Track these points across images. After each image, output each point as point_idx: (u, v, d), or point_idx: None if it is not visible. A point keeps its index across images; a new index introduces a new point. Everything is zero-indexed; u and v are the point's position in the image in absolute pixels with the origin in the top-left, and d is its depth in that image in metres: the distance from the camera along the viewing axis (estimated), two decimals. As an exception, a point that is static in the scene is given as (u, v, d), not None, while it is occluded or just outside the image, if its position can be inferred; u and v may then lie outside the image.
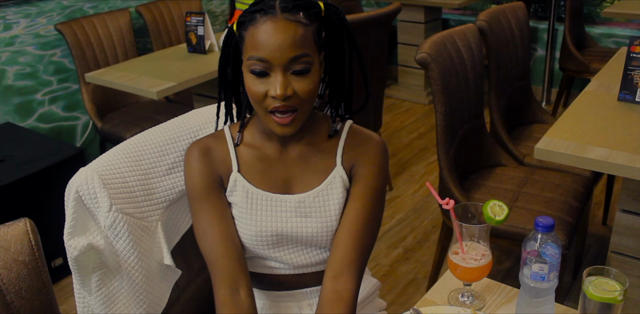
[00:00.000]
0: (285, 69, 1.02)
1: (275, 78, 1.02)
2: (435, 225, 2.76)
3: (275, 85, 1.02)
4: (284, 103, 1.03)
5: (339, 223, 1.16)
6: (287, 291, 1.24)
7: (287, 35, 1.01)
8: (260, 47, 1.01)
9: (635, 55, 1.74)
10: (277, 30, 1.01)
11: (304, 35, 1.03)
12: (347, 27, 1.12)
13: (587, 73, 3.46)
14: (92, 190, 1.09)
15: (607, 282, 0.98)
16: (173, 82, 2.47)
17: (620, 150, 1.50)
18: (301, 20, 1.03)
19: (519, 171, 2.15)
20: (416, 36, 4.12)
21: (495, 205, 1.11)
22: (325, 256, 1.21)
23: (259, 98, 1.05)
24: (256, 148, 1.17)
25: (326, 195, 1.16)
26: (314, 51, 1.05)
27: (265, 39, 1.01)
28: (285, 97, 1.02)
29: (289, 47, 1.01)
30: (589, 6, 4.07)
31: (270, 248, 1.18)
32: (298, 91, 1.03)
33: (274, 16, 1.02)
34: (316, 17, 1.06)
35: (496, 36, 2.23)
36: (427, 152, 3.52)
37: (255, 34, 1.02)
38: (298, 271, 1.22)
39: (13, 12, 2.93)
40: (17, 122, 3.02)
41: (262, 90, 1.03)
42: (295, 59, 1.01)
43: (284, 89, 1.02)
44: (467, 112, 2.05)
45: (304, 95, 1.04)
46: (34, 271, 0.94)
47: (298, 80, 1.03)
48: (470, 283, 1.18)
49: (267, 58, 1.01)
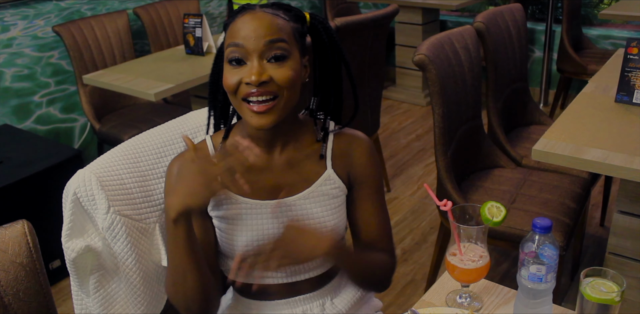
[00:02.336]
0: (262, 56, 1.02)
1: (251, 65, 1.02)
2: (433, 226, 2.76)
3: (251, 71, 1.01)
4: (258, 89, 1.01)
5: (334, 223, 1.16)
6: (281, 300, 1.23)
7: (263, 22, 1.02)
8: (237, 34, 1.02)
9: (632, 57, 1.74)
10: (254, 19, 1.02)
11: (281, 24, 1.04)
12: (334, 38, 1.12)
13: (585, 75, 3.47)
14: (90, 192, 1.09)
15: (604, 283, 0.98)
16: (171, 83, 2.47)
17: (617, 151, 1.50)
18: (279, 14, 1.05)
19: (517, 173, 2.15)
20: (414, 38, 4.12)
21: (493, 206, 1.12)
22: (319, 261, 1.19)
23: (233, 87, 1.03)
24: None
25: (317, 196, 1.15)
26: (293, 43, 1.05)
27: (241, 27, 1.02)
28: (260, 82, 1.00)
29: (264, 31, 1.01)
30: (587, 8, 4.08)
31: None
32: (275, 77, 1.02)
33: (253, 10, 1.05)
34: (297, 19, 1.08)
35: (494, 38, 2.23)
36: (424, 153, 3.52)
37: (233, 26, 1.04)
38: (290, 280, 1.19)
39: (10, 13, 2.93)
40: (15, 123, 3.02)
41: (237, 79, 1.03)
42: (270, 43, 1.01)
43: (259, 74, 1.00)
44: (464, 113, 2.06)
45: (282, 81, 1.02)
46: (32, 273, 0.94)
47: (275, 67, 1.02)
48: (468, 285, 1.18)
49: (243, 43, 1.01)
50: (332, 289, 1.26)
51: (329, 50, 1.13)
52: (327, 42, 1.12)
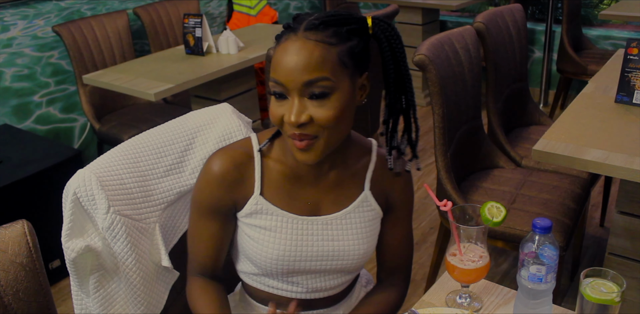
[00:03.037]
0: (301, 94, 0.95)
1: (292, 102, 0.96)
2: (433, 226, 2.76)
3: (290, 110, 0.95)
4: (300, 131, 0.96)
5: (366, 246, 1.15)
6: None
7: (300, 58, 0.93)
8: (276, 68, 0.95)
9: (632, 57, 1.74)
10: (292, 52, 0.94)
11: (323, 57, 0.93)
12: (395, 48, 1.02)
13: (585, 75, 3.47)
14: (90, 192, 1.09)
15: (604, 284, 0.98)
16: (171, 83, 2.47)
17: (617, 151, 1.50)
18: (325, 40, 0.94)
19: (517, 173, 2.15)
20: (414, 38, 4.12)
21: (493, 206, 1.12)
22: (342, 280, 1.20)
23: (277, 122, 0.99)
24: (286, 166, 1.10)
25: (353, 217, 1.14)
26: (339, 74, 0.96)
27: (279, 61, 0.95)
28: (299, 124, 0.95)
29: (302, 70, 0.93)
30: (586, 8, 4.08)
31: (290, 272, 1.14)
32: (315, 118, 0.95)
33: (295, 34, 0.95)
34: (352, 35, 0.97)
35: (494, 38, 2.23)
36: (424, 153, 3.52)
37: (276, 53, 0.96)
38: (309, 296, 1.19)
39: (10, 13, 2.93)
40: (15, 123, 3.02)
41: (280, 114, 0.97)
42: (310, 84, 0.94)
43: (298, 116, 0.95)
44: (464, 113, 2.06)
45: (323, 122, 0.95)
46: (32, 273, 0.94)
47: (316, 105, 0.95)
48: (468, 285, 1.18)
49: (281, 81, 0.95)
50: (345, 306, 1.27)
51: (391, 62, 1.03)
52: (389, 53, 1.02)
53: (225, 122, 1.30)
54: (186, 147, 1.26)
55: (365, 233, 1.15)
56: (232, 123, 1.30)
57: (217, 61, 2.76)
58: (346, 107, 0.98)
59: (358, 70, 1.00)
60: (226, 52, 2.85)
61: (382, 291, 1.25)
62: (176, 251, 1.29)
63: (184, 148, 1.25)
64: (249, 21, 4.06)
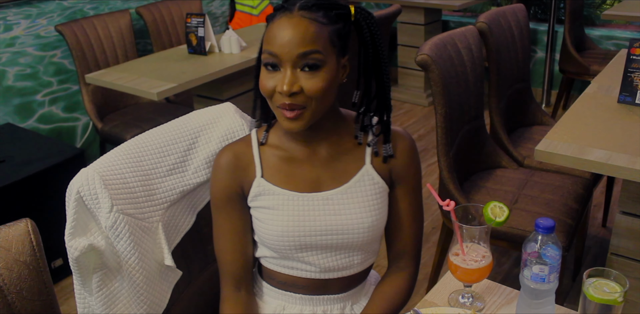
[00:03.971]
0: (294, 65, 1.02)
1: (284, 73, 1.03)
2: (436, 226, 2.76)
3: (283, 80, 1.02)
4: (290, 101, 1.03)
5: (372, 220, 1.17)
6: (307, 295, 1.24)
7: (297, 31, 1.01)
8: (272, 41, 1.03)
9: (635, 58, 1.74)
10: (289, 26, 1.02)
11: (317, 33, 1.02)
12: (375, 34, 1.11)
13: (587, 76, 3.46)
14: (94, 191, 1.09)
15: (607, 284, 0.98)
16: (173, 83, 2.47)
17: (620, 152, 1.50)
18: (318, 19, 1.03)
19: (519, 173, 2.15)
20: (416, 38, 4.12)
21: (496, 206, 1.12)
22: (353, 260, 1.21)
23: (268, 92, 1.06)
24: (282, 150, 1.18)
25: (355, 192, 1.17)
26: (329, 50, 1.04)
27: (276, 34, 1.02)
28: (291, 93, 1.02)
29: (298, 42, 1.01)
30: (589, 8, 4.08)
31: (299, 249, 1.17)
32: (306, 88, 1.03)
33: (290, 12, 1.03)
34: (339, 19, 1.06)
35: (496, 38, 2.23)
36: (427, 153, 3.52)
37: (271, 29, 1.04)
38: (324, 276, 1.21)
39: (13, 13, 2.94)
40: (18, 122, 3.03)
41: (272, 85, 1.04)
42: (304, 55, 1.01)
43: (290, 85, 1.02)
44: (467, 113, 2.06)
45: (312, 92, 1.03)
46: (35, 271, 0.94)
47: (307, 77, 1.03)
48: (471, 285, 1.18)
49: (277, 52, 1.02)
50: (355, 294, 1.28)
51: (370, 46, 1.12)
52: (369, 38, 1.11)
53: (228, 121, 1.31)
54: (189, 146, 1.26)
55: (369, 206, 1.17)
56: (234, 123, 1.31)
57: (220, 61, 2.76)
58: (332, 82, 1.06)
59: (342, 51, 1.08)
60: (229, 51, 2.85)
61: (392, 281, 1.27)
62: (178, 250, 1.29)
63: (186, 147, 1.26)
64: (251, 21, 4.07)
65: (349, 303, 1.27)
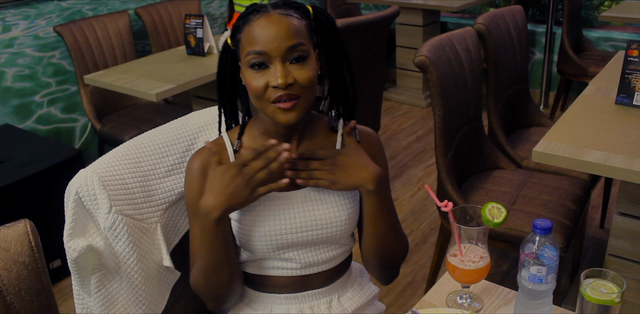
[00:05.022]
0: (284, 59, 1.04)
1: (274, 68, 1.04)
2: (434, 227, 2.76)
3: (276, 74, 1.04)
4: (286, 92, 1.04)
5: (348, 213, 1.18)
6: (291, 293, 1.24)
7: (282, 26, 1.04)
8: (257, 40, 1.04)
9: (633, 59, 1.75)
10: (272, 23, 1.04)
11: (298, 27, 1.06)
12: (336, 29, 1.15)
13: (585, 77, 3.47)
14: (92, 192, 1.10)
15: (604, 284, 0.98)
16: (172, 84, 2.47)
17: (617, 153, 1.50)
18: (294, 15, 1.07)
19: (517, 174, 2.16)
20: (415, 39, 4.13)
21: (494, 207, 1.12)
22: (332, 253, 1.22)
23: (259, 91, 1.06)
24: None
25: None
26: (309, 43, 1.08)
27: (261, 33, 1.04)
28: (287, 84, 1.04)
29: (285, 36, 1.03)
30: (587, 10, 4.09)
31: (281, 248, 1.18)
32: (298, 79, 1.05)
33: (267, 12, 1.06)
34: (307, 16, 1.10)
35: (494, 39, 2.24)
36: (425, 154, 3.52)
37: (251, 30, 1.05)
38: (305, 272, 1.22)
39: (12, 13, 2.94)
40: (16, 123, 3.03)
41: (263, 83, 1.05)
42: (292, 48, 1.04)
43: (285, 77, 1.03)
44: (465, 115, 2.06)
45: (304, 82, 1.06)
46: (34, 272, 0.94)
47: (297, 68, 1.05)
48: (469, 285, 1.18)
49: (265, 49, 1.04)
50: (340, 286, 1.28)
51: (335, 41, 1.15)
52: (332, 33, 1.14)
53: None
54: (188, 147, 1.26)
55: (345, 200, 1.19)
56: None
57: (218, 62, 2.76)
58: (316, 73, 1.10)
59: (315, 44, 1.13)
60: (227, 52, 2.85)
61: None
62: (177, 251, 1.29)
63: (185, 148, 1.26)
64: (250, 22, 4.06)
65: (335, 296, 1.27)
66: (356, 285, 1.32)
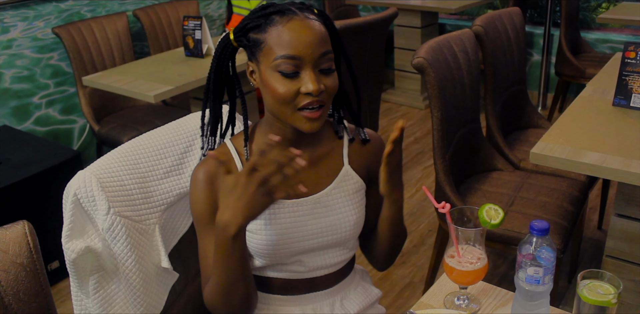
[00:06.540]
0: (314, 66, 1.02)
1: (306, 75, 1.02)
2: (432, 228, 2.77)
3: (309, 81, 1.01)
4: (316, 98, 1.03)
5: (356, 217, 1.19)
6: (295, 295, 1.24)
7: (315, 32, 1.02)
8: (291, 44, 1.00)
9: (630, 61, 1.75)
10: (306, 27, 1.01)
11: (326, 33, 1.05)
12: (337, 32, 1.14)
13: (583, 79, 3.48)
14: (90, 193, 1.10)
15: (601, 285, 0.99)
16: (170, 85, 2.47)
17: (615, 154, 1.51)
18: (318, 19, 1.05)
19: (515, 176, 2.16)
20: (413, 41, 4.13)
21: (491, 208, 1.12)
22: (339, 256, 1.22)
23: (288, 97, 1.03)
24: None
25: (339, 192, 1.18)
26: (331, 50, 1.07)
27: (295, 37, 1.00)
28: (320, 91, 1.02)
29: (319, 42, 1.02)
30: (585, 12, 4.09)
31: (291, 255, 1.17)
32: (327, 86, 1.04)
33: (295, 15, 1.02)
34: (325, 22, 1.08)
35: (492, 41, 2.24)
36: (423, 156, 3.53)
37: (282, 33, 1.01)
38: (311, 275, 1.22)
39: (10, 15, 2.94)
40: (14, 125, 3.02)
41: (293, 89, 1.02)
42: (323, 55, 1.03)
43: (318, 84, 1.02)
44: (463, 116, 2.06)
45: (332, 90, 1.06)
46: (32, 273, 0.94)
47: (325, 76, 1.04)
48: (466, 287, 1.18)
49: (299, 54, 1.00)
50: (343, 288, 1.28)
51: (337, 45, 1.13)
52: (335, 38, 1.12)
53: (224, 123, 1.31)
54: (186, 149, 1.26)
55: (353, 203, 1.19)
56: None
57: (217, 63, 2.76)
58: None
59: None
60: (226, 54, 2.85)
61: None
62: (175, 252, 1.29)
63: (183, 149, 1.26)
64: (248, 23, 4.06)
65: (338, 298, 1.27)
66: (359, 288, 1.32)
